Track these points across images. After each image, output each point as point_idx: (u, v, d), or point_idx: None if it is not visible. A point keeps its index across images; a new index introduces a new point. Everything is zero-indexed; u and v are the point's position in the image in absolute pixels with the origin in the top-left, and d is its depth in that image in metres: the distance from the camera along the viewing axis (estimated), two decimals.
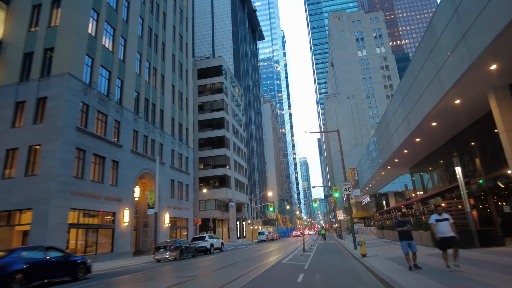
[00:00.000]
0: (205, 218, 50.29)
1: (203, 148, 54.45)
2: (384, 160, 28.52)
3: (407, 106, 18.52)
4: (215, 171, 52.86)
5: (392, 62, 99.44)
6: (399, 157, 26.16)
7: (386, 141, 24.62)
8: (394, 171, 34.21)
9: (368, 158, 39.71)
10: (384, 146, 26.26)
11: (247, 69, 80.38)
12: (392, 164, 29.59)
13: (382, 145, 28.41)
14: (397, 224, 8.72)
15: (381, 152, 29.40)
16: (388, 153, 26.27)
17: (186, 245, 22.20)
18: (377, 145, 30.27)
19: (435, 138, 20.55)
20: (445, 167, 23.13)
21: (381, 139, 28.70)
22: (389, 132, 24.14)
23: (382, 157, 29.38)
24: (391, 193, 56.40)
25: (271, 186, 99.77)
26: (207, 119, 55.90)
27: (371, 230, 43.49)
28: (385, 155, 27.72)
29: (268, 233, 51.90)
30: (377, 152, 30.86)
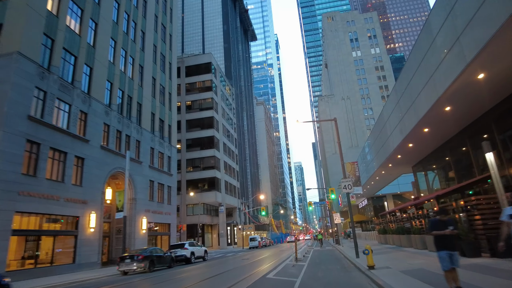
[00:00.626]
0: (192, 224, 47.01)
1: (191, 149, 51.32)
2: (385, 157, 25.72)
3: (413, 90, 15.73)
4: (203, 173, 49.71)
5: (387, 63, 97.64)
6: (403, 153, 23.35)
7: (389, 134, 21.81)
8: (395, 170, 31.44)
9: (367, 156, 36.99)
10: (387, 140, 23.44)
11: (239, 69, 77.72)
12: (393, 161, 26.79)
13: (382, 140, 25.63)
14: (433, 225, 5.64)
15: (382, 147, 26.60)
16: (390, 148, 23.45)
17: (160, 254, 19.04)
18: (376, 141, 27.50)
19: (446, 127, 17.84)
20: (455, 162, 20.40)
21: (382, 133, 25.94)
22: (392, 124, 21.38)
23: (382, 154, 26.59)
24: (389, 195, 53.69)
25: (265, 190, 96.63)
26: (195, 119, 52.88)
27: (370, 235, 40.50)
28: (386, 151, 24.93)
29: (260, 239, 48.72)
30: (377, 149, 28.09)
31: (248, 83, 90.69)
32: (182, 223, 48.03)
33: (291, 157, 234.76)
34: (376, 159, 28.80)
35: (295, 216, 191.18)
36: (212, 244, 52.64)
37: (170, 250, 22.16)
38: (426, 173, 27.07)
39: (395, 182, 49.49)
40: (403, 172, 33.34)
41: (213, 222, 51.45)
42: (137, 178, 27.32)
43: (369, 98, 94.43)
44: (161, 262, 18.83)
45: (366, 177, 39.82)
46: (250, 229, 55.97)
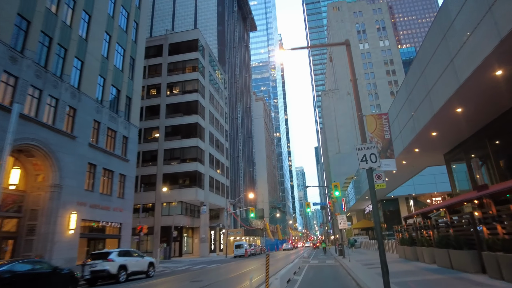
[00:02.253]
0: (167, 226, 39.18)
1: (170, 138, 43.69)
2: (414, 135, 17.92)
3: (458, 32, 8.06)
4: (183, 166, 42.00)
5: (397, 56, 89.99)
6: (443, 126, 15.52)
7: (430, 86, 13.89)
8: (420, 160, 23.58)
9: None
10: (422, 101, 15.59)
11: (234, 56, 70.32)
12: (423, 143, 19.03)
13: (413, 104, 17.73)
14: None
15: (411, 120, 18.73)
16: (425, 118, 15.66)
17: (46, 270, 11.29)
18: (404, 110, 19.62)
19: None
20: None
21: (412, 99, 18.16)
22: (429, 81, 13.55)
23: (409, 131, 18.76)
24: (402, 198, 45.68)
25: (261, 191, 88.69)
26: (177, 103, 45.33)
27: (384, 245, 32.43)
28: (417, 125, 17.11)
29: (248, 246, 40.82)
30: (401, 124, 20.27)
31: (246, 75, 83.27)
32: (156, 224, 40.30)
33: (293, 161, 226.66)
34: (398, 140, 21.02)
35: (295, 221, 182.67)
36: (192, 250, 44.78)
37: (87, 262, 14.41)
38: (470, 161, 19.14)
39: (410, 182, 41.65)
40: (430, 163, 25.38)
41: (195, 225, 43.66)
42: (65, 158, 19.63)
43: (377, 94, 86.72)
44: (48, 284, 11.09)
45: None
46: (239, 234, 48.12)
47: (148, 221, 40.87)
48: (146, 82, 47.27)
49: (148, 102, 46.23)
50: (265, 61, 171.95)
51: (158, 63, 47.95)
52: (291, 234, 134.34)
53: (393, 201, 46.28)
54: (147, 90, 47.01)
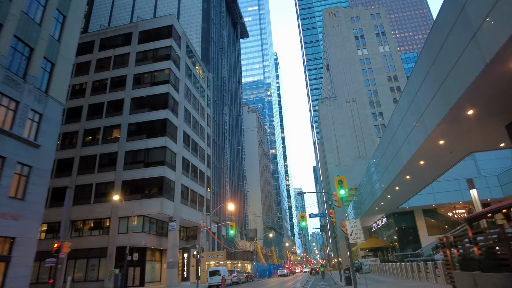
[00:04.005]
0: (121, 247, 30.49)
1: (133, 138, 35.77)
2: (473, 79, 10.15)
3: None
4: (147, 171, 33.81)
5: (398, 62, 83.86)
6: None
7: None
8: (466, 138, 15.68)
9: (396, 130, 20.92)
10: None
11: (222, 58, 63.68)
12: (479, 101, 11.35)
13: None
14: None
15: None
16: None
17: None
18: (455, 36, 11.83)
19: None
20: None
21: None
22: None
23: (471, 69, 10.96)
24: (418, 209, 37.32)
25: (254, 209, 79.69)
26: (144, 96, 37.78)
27: (401, 270, 23.72)
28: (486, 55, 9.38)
29: (228, 273, 31.98)
30: (450, 64, 12.46)
31: (236, 81, 76.54)
32: (111, 244, 31.58)
33: (291, 182, 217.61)
34: (439, 97, 13.23)
35: (293, 244, 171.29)
36: (161, 278, 35.74)
37: None
38: None
39: (428, 189, 33.59)
40: (478, 144, 17.26)
41: (163, 246, 34.93)
42: None
43: (379, 101, 79.81)
44: None
45: (389, 175, 23.87)
46: (220, 257, 39.14)
47: (101, 240, 32.22)
48: (110, 74, 40.05)
49: (110, 96, 38.71)
50: (260, 78, 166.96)
51: (126, 53, 40.84)
52: (289, 258, 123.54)
53: (407, 214, 37.82)
54: (110, 83, 39.61)
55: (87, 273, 31.50)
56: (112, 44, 42.24)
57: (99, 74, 40.49)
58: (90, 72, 40.86)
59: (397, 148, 21.75)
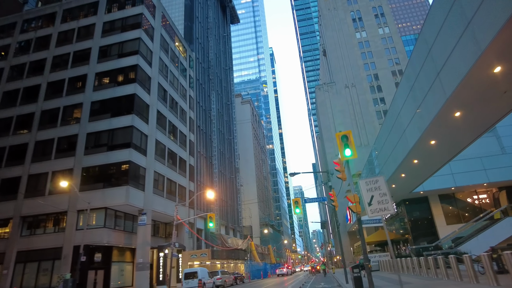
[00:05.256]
0: (86, 245, 24.98)
1: (96, 118, 30.31)
2: None
3: None
4: (111, 155, 28.33)
5: (399, 44, 78.44)
6: None
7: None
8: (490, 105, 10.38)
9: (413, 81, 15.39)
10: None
11: (208, 38, 58.19)
12: None
13: None
14: None
15: None
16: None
17: None
18: None
19: None
20: None
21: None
22: None
23: None
24: (434, 195, 31.90)
25: (249, 205, 74.20)
26: (109, 70, 32.32)
27: (422, 266, 18.05)
28: None
29: (209, 275, 26.54)
30: None
31: (226, 67, 71.08)
32: (67, 242, 26.10)
33: (290, 180, 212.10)
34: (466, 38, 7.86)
35: (293, 243, 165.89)
36: (132, 282, 30.19)
37: None
38: None
39: (446, 170, 28.40)
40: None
41: (135, 244, 29.42)
42: None
43: (380, 86, 74.42)
44: None
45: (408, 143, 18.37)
46: (204, 256, 33.67)
47: (56, 239, 26.75)
48: (73, 48, 34.61)
49: (72, 72, 33.26)
50: (255, 72, 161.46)
51: (91, 24, 35.38)
52: (289, 256, 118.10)
53: (421, 201, 32.33)
54: (72, 57, 34.14)
55: (38, 279, 26.00)
56: (76, 15, 36.83)
57: (61, 49, 35.04)
58: (51, 47, 35.41)
59: (405, 122, 16.37)
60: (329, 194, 19.36)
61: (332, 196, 19.08)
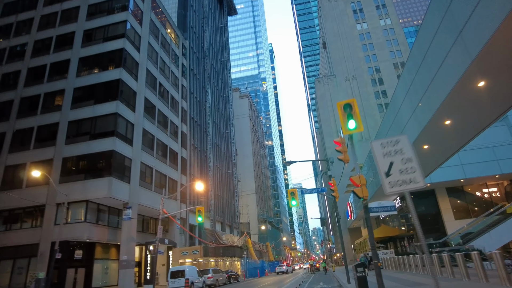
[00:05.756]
0: (64, 241, 22.94)
1: (79, 105, 28.21)
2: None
3: None
4: (93, 145, 26.22)
5: (401, 35, 76.25)
6: None
7: None
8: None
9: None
10: None
11: (202, 28, 55.94)
12: None
13: None
14: None
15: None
16: None
17: None
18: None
19: None
20: None
21: None
22: None
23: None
24: (441, 188, 29.81)
25: (246, 201, 72.22)
26: (94, 55, 30.15)
27: (432, 264, 15.86)
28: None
29: (199, 274, 24.47)
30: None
31: (223, 58, 68.86)
32: (44, 239, 24.06)
33: (289, 177, 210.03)
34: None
35: (293, 240, 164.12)
36: (118, 281, 28.13)
37: None
38: None
39: (455, 161, 26.38)
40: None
41: (119, 240, 27.34)
42: None
43: (381, 79, 72.25)
44: None
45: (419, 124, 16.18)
46: (196, 253, 31.65)
47: (34, 235, 24.72)
48: (56, 32, 32.47)
49: (54, 57, 31.13)
50: (254, 67, 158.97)
51: (75, 6, 33.19)
52: (288, 254, 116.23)
53: (427, 195, 30.26)
54: (55, 42, 31.99)
55: (12, 278, 23.96)
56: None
57: (43, 33, 32.90)
58: (32, 31, 33.26)
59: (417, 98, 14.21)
60: (329, 184, 17.27)
61: (332, 186, 17.01)
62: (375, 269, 7.97)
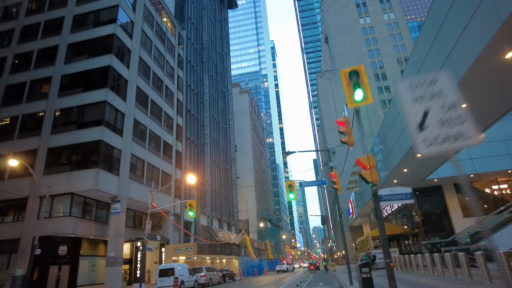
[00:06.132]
0: (49, 236, 21.60)
1: (66, 93, 26.69)
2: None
3: None
4: (80, 134, 24.70)
5: (405, 30, 74.41)
6: None
7: None
8: None
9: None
10: None
11: (201, 19, 54.28)
12: None
13: None
14: None
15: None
16: None
17: None
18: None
19: None
20: None
21: None
22: None
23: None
24: (449, 184, 28.18)
25: (245, 198, 70.74)
26: (83, 41, 28.60)
27: (443, 264, 14.33)
28: None
29: (190, 273, 22.94)
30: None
31: (223, 52, 67.21)
32: (26, 233, 22.56)
33: (290, 176, 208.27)
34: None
35: (293, 238, 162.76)
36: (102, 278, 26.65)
37: None
38: None
39: (464, 154, 24.89)
40: None
41: (106, 235, 25.84)
42: None
43: (384, 74, 70.51)
44: None
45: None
46: (189, 251, 30.16)
47: (15, 229, 23.24)
48: (44, 17, 30.92)
49: (42, 43, 29.59)
50: (255, 63, 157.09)
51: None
52: (288, 252, 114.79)
53: (434, 191, 28.64)
54: (43, 27, 30.46)
55: None
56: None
57: (31, 18, 31.37)
58: (20, 16, 31.72)
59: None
60: (330, 175, 15.69)
61: (334, 177, 15.43)
62: (387, 270, 6.41)
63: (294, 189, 17.50)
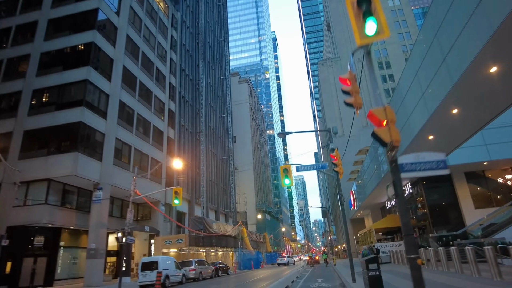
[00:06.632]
0: (17, 226, 19.71)
1: (46, 71, 24.57)
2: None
3: None
4: (59, 115, 22.65)
5: (410, 17, 71.75)
6: None
7: None
8: None
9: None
10: None
11: (197, 2, 51.74)
12: None
13: None
14: None
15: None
16: None
17: None
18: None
19: None
20: None
21: None
22: None
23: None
24: (459, 173, 26.03)
25: (243, 189, 68.93)
26: (65, 16, 26.39)
27: (455, 258, 12.30)
28: None
29: (176, 266, 21.03)
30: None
31: (221, 38, 64.72)
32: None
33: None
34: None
35: (293, 231, 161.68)
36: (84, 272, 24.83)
37: None
38: None
39: (478, 140, 22.76)
40: None
41: (86, 225, 23.92)
42: None
43: (388, 62, 68.08)
44: None
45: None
46: (180, 242, 28.31)
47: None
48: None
49: (21, 19, 27.38)
50: (256, 54, 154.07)
51: None
52: (288, 245, 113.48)
53: (442, 179, 26.59)
54: (22, 2, 28.21)
55: None
56: None
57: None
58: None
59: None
60: (331, 157, 13.63)
61: (335, 159, 13.36)
62: (412, 270, 4.38)
63: (290, 173, 15.50)
